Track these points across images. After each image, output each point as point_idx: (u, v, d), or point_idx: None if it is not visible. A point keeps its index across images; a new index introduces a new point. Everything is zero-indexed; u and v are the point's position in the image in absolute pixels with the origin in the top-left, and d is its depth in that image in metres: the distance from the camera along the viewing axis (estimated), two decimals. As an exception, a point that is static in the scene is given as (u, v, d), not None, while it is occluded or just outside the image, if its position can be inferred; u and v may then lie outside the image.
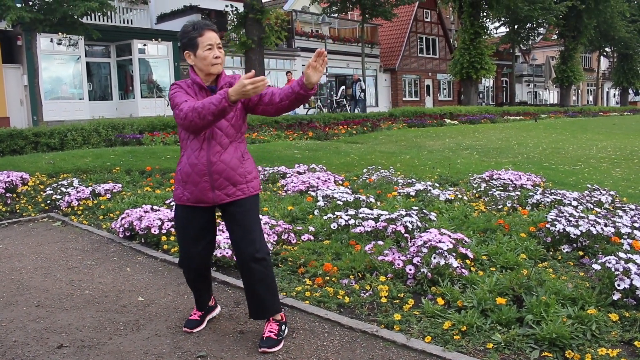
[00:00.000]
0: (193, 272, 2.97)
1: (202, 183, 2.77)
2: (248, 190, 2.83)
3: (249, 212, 2.82)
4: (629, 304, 3.01)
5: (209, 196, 2.79)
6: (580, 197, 5.45)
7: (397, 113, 19.76)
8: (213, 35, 2.77)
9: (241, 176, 2.80)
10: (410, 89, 35.51)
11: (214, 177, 2.76)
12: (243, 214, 2.81)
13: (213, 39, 2.76)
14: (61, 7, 14.52)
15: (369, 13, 24.44)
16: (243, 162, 2.82)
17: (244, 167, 2.82)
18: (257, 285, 2.83)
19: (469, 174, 7.41)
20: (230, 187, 2.78)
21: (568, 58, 36.83)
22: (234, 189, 2.79)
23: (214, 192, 2.77)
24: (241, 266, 2.86)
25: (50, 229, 5.70)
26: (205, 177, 2.76)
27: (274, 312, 2.91)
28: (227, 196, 2.79)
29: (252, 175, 2.86)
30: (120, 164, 8.45)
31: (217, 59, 2.77)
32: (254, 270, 2.80)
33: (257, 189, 2.90)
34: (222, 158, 2.76)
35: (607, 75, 51.87)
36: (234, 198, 2.80)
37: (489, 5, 27.88)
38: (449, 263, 3.46)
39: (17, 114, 18.65)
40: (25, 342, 2.99)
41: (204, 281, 3.06)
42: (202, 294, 3.10)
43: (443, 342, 2.78)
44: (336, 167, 8.59)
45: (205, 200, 2.80)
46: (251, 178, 2.85)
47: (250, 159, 2.91)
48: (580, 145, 12.62)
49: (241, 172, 2.80)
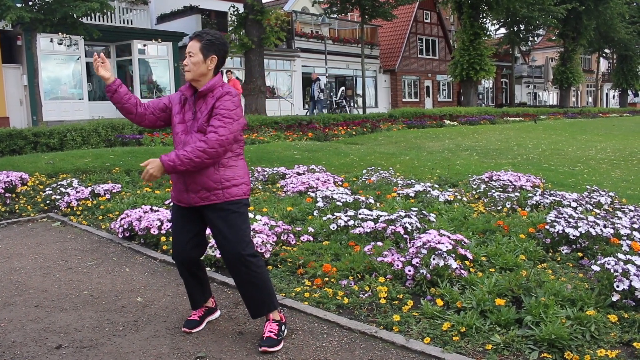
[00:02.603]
0: (181, 266, 3.08)
1: (178, 184, 2.92)
2: (224, 196, 2.84)
3: (227, 217, 2.84)
4: (628, 305, 3.01)
5: (184, 197, 2.91)
6: (580, 198, 5.45)
7: (397, 114, 19.77)
8: (189, 44, 2.88)
9: (215, 182, 2.82)
10: (410, 90, 35.49)
11: (187, 180, 2.85)
12: (220, 219, 2.85)
13: (188, 47, 2.88)
14: (61, 7, 14.51)
15: (368, 14, 24.43)
16: (220, 168, 2.83)
17: (219, 173, 2.83)
18: (244, 286, 2.92)
19: (468, 175, 7.41)
20: (203, 191, 2.84)
21: (568, 59, 36.85)
22: (208, 193, 2.84)
23: (188, 194, 2.88)
24: (228, 269, 2.95)
25: (49, 229, 5.70)
26: (180, 178, 2.88)
27: (267, 310, 2.94)
28: (201, 199, 2.86)
29: (231, 182, 2.85)
30: (119, 164, 8.45)
31: (184, 66, 2.89)
32: (239, 271, 2.88)
33: (237, 195, 2.87)
34: None
35: (607, 76, 51.89)
36: (208, 202, 2.85)
37: (489, 6, 27.89)
38: (448, 264, 3.46)
39: (17, 114, 18.64)
40: (24, 343, 2.98)
41: (194, 278, 3.12)
42: (194, 291, 3.15)
43: (442, 343, 2.78)
44: (336, 168, 8.59)
45: (182, 201, 2.94)
46: (229, 185, 2.85)
47: (235, 166, 2.89)
48: (579, 147, 12.63)
49: (215, 179, 2.82)
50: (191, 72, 2.86)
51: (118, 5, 21.28)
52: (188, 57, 2.86)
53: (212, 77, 2.89)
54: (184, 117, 2.92)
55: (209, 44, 2.86)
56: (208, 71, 2.88)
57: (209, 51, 2.86)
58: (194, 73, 2.86)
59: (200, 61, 2.85)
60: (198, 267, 3.13)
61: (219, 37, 2.90)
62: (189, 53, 2.86)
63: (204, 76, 2.87)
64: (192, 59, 2.85)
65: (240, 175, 2.92)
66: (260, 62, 18.64)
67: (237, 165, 2.91)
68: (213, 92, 2.85)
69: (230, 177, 2.86)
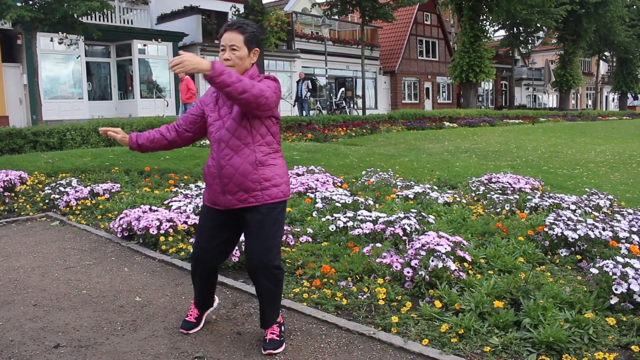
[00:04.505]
0: (201, 269, 2.92)
1: (214, 186, 2.75)
2: (263, 198, 2.70)
3: (263, 223, 2.70)
4: (626, 308, 3.01)
5: (220, 199, 2.75)
6: (579, 201, 5.45)
7: (397, 115, 19.78)
8: (228, 36, 2.66)
9: (254, 182, 2.68)
10: (410, 91, 35.51)
11: (223, 181, 2.70)
12: (256, 223, 2.71)
13: (227, 40, 2.67)
14: (61, 7, 14.50)
15: (368, 15, 24.45)
16: (259, 167, 2.70)
17: (258, 173, 2.69)
18: (262, 295, 2.83)
19: (467, 177, 7.41)
20: (241, 192, 2.69)
21: (567, 62, 36.91)
22: (246, 195, 2.70)
23: (224, 196, 2.73)
24: (250, 275, 2.83)
25: (48, 229, 5.69)
26: (216, 179, 2.73)
27: (276, 319, 2.90)
28: (239, 202, 2.71)
29: (270, 182, 2.72)
30: (119, 163, 8.44)
31: (226, 61, 2.66)
32: (260, 283, 2.77)
33: (277, 197, 2.74)
34: (231, 162, 2.69)
35: (607, 79, 51.97)
36: (246, 204, 2.71)
37: (489, 8, 27.92)
38: (446, 266, 3.46)
39: (17, 113, 18.64)
40: (22, 342, 2.98)
41: (207, 282, 3.01)
42: (202, 293, 3.05)
43: (440, 345, 2.78)
44: (335, 169, 8.59)
45: (218, 203, 2.77)
46: (268, 185, 2.71)
47: (274, 164, 2.76)
48: (579, 149, 12.64)
49: (254, 179, 2.68)
50: (236, 67, 2.66)
51: (118, 5, 21.30)
52: (230, 51, 2.65)
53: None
54: (219, 114, 2.76)
55: (252, 36, 2.69)
56: (250, 66, 2.72)
57: (252, 44, 2.69)
58: (240, 68, 2.67)
59: (245, 55, 2.68)
60: (214, 272, 3.02)
61: (258, 28, 2.75)
62: (232, 46, 2.65)
63: (246, 71, 2.70)
64: (237, 52, 2.65)
65: (280, 175, 2.77)
66: (260, 63, 18.66)
67: (276, 164, 2.77)
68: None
69: (269, 176, 2.72)
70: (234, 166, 2.69)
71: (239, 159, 2.69)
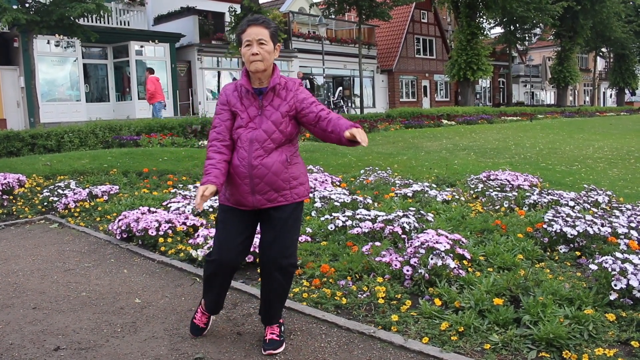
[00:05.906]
0: (223, 270, 2.80)
1: (243, 186, 2.68)
2: (291, 197, 2.71)
3: (287, 220, 2.70)
4: (625, 304, 3.02)
5: (248, 200, 2.69)
6: (577, 197, 5.46)
7: (395, 114, 19.79)
8: (254, 30, 2.62)
9: (284, 182, 2.68)
10: (408, 89, 35.53)
11: (254, 180, 2.65)
12: (280, 220, 2.70)
13: (253, 34, 2.61)
14: (58, 9, 14.48)
15: (365, 14, 24.46)
16: (288, 166, 2.69)
17: (288, 172, 2.69)
18: (271, 293, 2.80)
19: (466, 175, 7.42)
20: (271, 192, 2.67)
21: (565, 58, 36.94)
22: (276, 194, 2.68)
23: (254, 196, 2.68)
24: (263, 271, 2.79)
25: (47, 231, 5.69)
26: (245, 179, 2.66)
27: (279, 318, 2.91)
28: (269, 201, 2.69)
29: (297, 180, 2.73)
30: (117, 165, 8.43)
31: (255, 55, 2.61)
32: (274, 277, 2.73)
33: (303, 195, 2.76)
34: (264, 162, 2.65)
35: (604, 75, 52.03)
36: (275, 204, 2.70)
37: (486, 6, 27.93)
38: (446, 264, 3.47)
39: (14, 116, 18.62)
40: (22, 345, 2.98)
41: (228, 284, 2.92)
42: (220, 297, 2.95)
43: (440, 343, 2.78)
44: (333, 168, 8.59)
45: (245, 204, 2.71)
46: (296, 184, 2.72)
47: (298, 163, 2.77)
48: (577, 146, 12.65)
49: (284, 178, 2.67)
50: (264, 61, 2.61)
51: (115, 7, 21.26)
52: (258, 46, 2.60)
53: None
54: (248, 114, 2.69)
55: (275, 31, 2.68)
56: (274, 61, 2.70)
57: (276, 39, 2.68)
58: (267, 63, 2.63)
59: (272, 50, 2.65)
60: (234, 272, 2.90)
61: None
62: (260, 40, 2.60)
63: (270, 67, 2.68)
64: (265, 47, 2.61)
65: (304, 173, 2.80)
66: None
67: (299, 162, 2.79)
68: (287, 84, 2.70)
69: (296, 175, 2.73)
70: (267, 166, 2.65)
71: (270, 159, 2.66)
